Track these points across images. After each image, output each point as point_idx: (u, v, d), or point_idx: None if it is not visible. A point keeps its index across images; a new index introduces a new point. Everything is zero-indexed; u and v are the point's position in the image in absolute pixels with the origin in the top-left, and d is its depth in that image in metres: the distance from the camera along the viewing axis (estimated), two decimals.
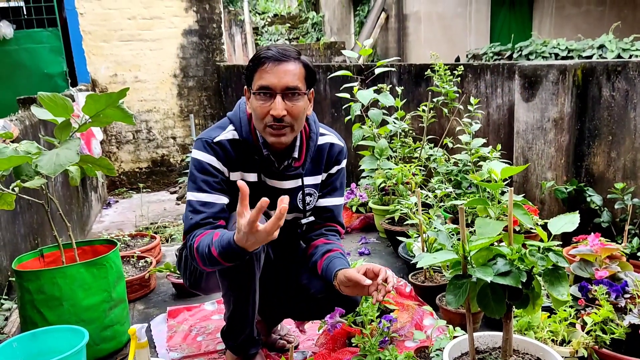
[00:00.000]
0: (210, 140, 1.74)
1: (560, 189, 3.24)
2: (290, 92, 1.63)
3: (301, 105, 1.66)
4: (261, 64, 1.64)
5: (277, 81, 1.62)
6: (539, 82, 3.36)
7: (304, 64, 1.67)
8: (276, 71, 1.62)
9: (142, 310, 2.56)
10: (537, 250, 1.42)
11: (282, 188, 1.82)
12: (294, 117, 1.66)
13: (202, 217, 1.68)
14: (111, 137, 6.14)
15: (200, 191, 1.70)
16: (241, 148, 1.75)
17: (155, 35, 5.99)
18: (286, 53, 1.64)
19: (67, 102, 1.90)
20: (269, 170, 1.79)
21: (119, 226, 4.84)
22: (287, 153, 1.78)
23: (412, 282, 2.42)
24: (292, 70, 1.63)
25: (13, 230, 3.01)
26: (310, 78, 1.70)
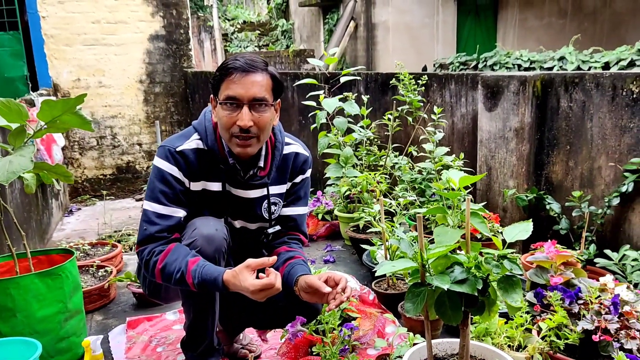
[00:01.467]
0: (173, 149, 1.71)
1: (521, 197, 3.31)
2: (257, 103, 1.63)
3: (268, 116, 1.66)
4: (228, 74, 1.63)
5: (244, 92, 1.62)
6: (500, 92, 3.43)
7: (271, 75, 1.67)
8: (243, 82, 1.62)
9: (100, 321, 2.50)
10: (492, 258, 1.44)
11: (247, 197, 1.81)
12: (261, 128, 1.66)
13: (156, 229, 1.66)
14: (74, 143, 6.01)
15: (157, 202, 1.68)
16: (205, 157, 1.74)
17: (120, 40, 5.90)
18: (254, 64, 1.63)
19: (22, 107, 1.85)
20: (234, 180, 1.78)
21: (81, 234, 4.72)
22: (252, 162, 1.78)
23: (375, 289, 2.43)
24: (260, 82, 1.63)
25: None
26: (277, 89, 1.70)
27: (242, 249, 1.90)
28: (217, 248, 1.67)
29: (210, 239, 1.66)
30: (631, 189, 2.65)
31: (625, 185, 2.65)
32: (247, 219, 1.86)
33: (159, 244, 1.66)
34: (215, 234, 1.68)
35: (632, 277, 2.42)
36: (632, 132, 2.73)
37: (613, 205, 2.73)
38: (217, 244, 1.67)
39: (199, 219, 1.73)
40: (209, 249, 1.66)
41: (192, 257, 1.62)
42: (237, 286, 1.55)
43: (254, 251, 1.95)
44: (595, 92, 2.93)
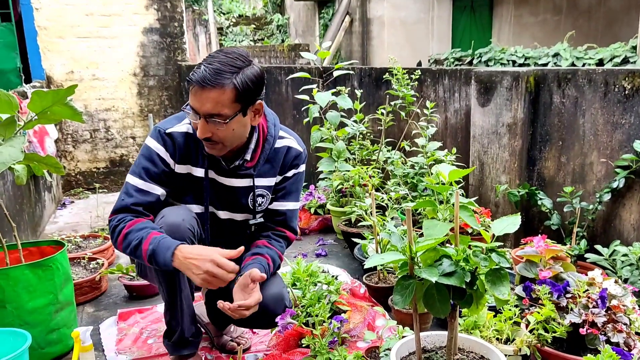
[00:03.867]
0: (163, 130, 1.76)
1: (513, 192, 3.32)
2: (212, 118, 1.62)
3: (225, 129, 1.64)
4: (189, 84, 1.63)
5: (199, 106, 1.62)
6: (494, 88, 3.44)
7: (234, 86, 1.60)
8: (199, 96, 1.60)
9: (91, 313, 2.50)
10: (480, 251, 1.45)
11: (231, 186, 1.83)
12: (220, 138, 1.67)
13: (132, 201, 1.70)
14: (67, 135, 5.97)
15: (138, 177, 1.73)
16: (192, 142, 1.76)
17: (114, 33, 5.86)
18: (212, 79, 1.58)
19: (12, 98, 1.85)
20: (218, 167, 1.80)
21: (74, 227, 4.71)
22: (238, 154, 1.79)
23: (366, 283, 2.44)
24: (215, 97, 1.59)
25: None
26: (246, 96, 1.64)
27: (228, 242, 1.90)
28: (181, 237, 1.68)
29: (175, 228, 1.69)
30: (622, 185, 2.66)
31: (617, 181, 2.67)
32: (233, 209, 1.87)
33: (131, 214, 1.70)
34: (180, 223, 1.70)
35: (622, 272, 2.44)
36: (623, 128, 2.74)
37: (604, 201, 2.75)
38: (181, 233, 1.69)
39: (168, 208, 1.77)
40: (172, 238, 1.66)
41: (158, 232, 1.65)
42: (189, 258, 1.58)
43: (237, 243, 1.94)
44: (587, 88, 2.94)
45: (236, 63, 1.62)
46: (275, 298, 1.79)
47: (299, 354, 1.91)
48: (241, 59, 1.64)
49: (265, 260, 1.81)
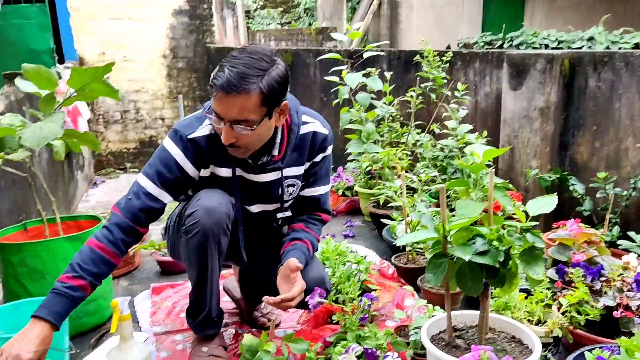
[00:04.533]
0: (185, 136, 1.68)
1: (544, 177, 3.28)
2: (237, 124, 1.56)
3: (249, 135, 1.58)
4: (212, 89, 1.54)
5: (224, 112, 1.55)
6: (526, 71, 3.38)
7: (260, 91, 1.53)
8: (223, 103, 1.53)
9: (126, 287, 2.57)
10: (515, 231, 1.45)
11: (261, 181, 1.79)
12: (245, 143, 1.62)
13: (140, 205, 1.64)
14: (98, 116, 6.09)
15: (151, 180, 1.66)
16: (216, 143, 1.68)
17: (144, 15, 5.92)
18: (237, 84, 1.50)
19: (52, 75, 1.89)
20: (245, 165, 1.75)
21: (106, 206, 4.82)
22: (264, 150, 1.73)
23: (394, 263, 2.45)
24: (241, 104, 1.52)
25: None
26: (272, 99, 1.57)
27: (261, 233, 1.93)
28: (217, 221, 1.66)
29: (211, 212, 1.66)
30: None
31: None
32: (264, 202, 1.86)
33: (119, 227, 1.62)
34: (217, 207, 1.67)
35: None
36: None
37: (639, 188, 2.69)
38: (217, 217, 1.66)
39: (204, 191, 1.73)
40: (208, 222, 1.65)
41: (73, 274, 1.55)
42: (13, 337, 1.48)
43: (270, 233, 1.96)
44: (624, 72, 2.87)
45: (261, 65, 1.54)
46: (316, 281, 1.80)
47: (329, 330, 1.94)
48: (266, 60, 1.56)
49: (304, 245, 1.81)
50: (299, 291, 1.68)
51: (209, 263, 1.73)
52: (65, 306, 1.52)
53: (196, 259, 1.72)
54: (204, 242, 1.68)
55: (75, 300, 1.54)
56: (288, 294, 1.66)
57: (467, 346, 1.56)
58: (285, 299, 1.65)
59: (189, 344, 2.00)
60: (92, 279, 1.56)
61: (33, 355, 1.42)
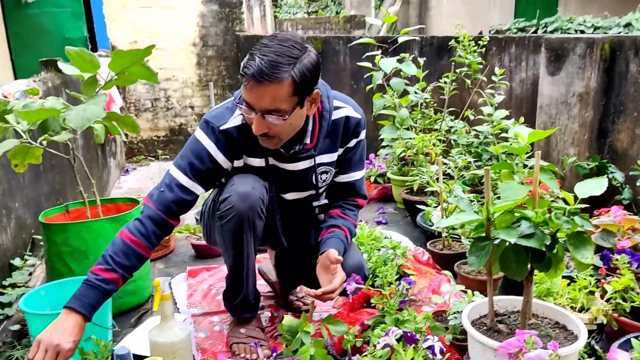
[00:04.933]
0: (217, 127, 1.67)
1: (582, 165, 3.20)
2: (268, 114, 1.54)
3: (282, 124, 1.56)
4: (243, 78, 1.52)
5: (255, 102, 1.52)
6: (565, 55, 3.30)
7: (293, 79, 1.50)
8: (255, 92, 1.50)
9: (162, 269, 2.61)
10: (562, 214, 1.41)
11: (294, 170, 1.78)
12: (277, 133, 1.59)
13: (173, 198, 1.64)
14: (130, 104, 6.17)
15: (183, 172, 1.66)
16: (248, 133, 1.67)
17: (175, 3, 5.95)
18: (269, 73, 1.47)
19: (94, 57, 1.92)
20: (277, 154, 1.74)
21: (137, 192, 4.88)
22: (297, 139, 1.71)
23: (430, 249, 2.43)
24: (273, 93, 1.49)
25: (37, 189, 3.06)
26: (304, 88, 1.54)
27: (296, 221, 1.92)
28: (251, 205, 1.66)
29: (245, 197, 1.65)
30: None
31: None
32: (298, 189, 1.85)
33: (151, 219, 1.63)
34: (251, 192, 1.66)
35: None
36: None
37: None
38: (251, 201, 1.66)
39: (238, 176, 1.72)
40: (243, 206, 1.65)
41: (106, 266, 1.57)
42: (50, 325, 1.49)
43: (306, 219, 1.96)
44: None
45: (293, 53, 1.51)
46: (355, 268, 1.80)
47: (366, 313, 1.93)
48: (297, 47, 1.52)
49: (342, 233, 1.81)
50: (339, 283, 1.67)
51: (245, 247, 1.74)
52: (97, 298, 1.54)
53: (232, 243, 1.73)
54: (239, 226, 1.68)
55: (107, 293, 1.56)
56: (329, 287, 1.66)
57: (509, 331, 1.54)
58: (326, 292, 1.65)
59: (226, 326, 2.02)
60: (123, 272, 1.58)
61: (72, 345, 1.46)
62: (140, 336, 1.88)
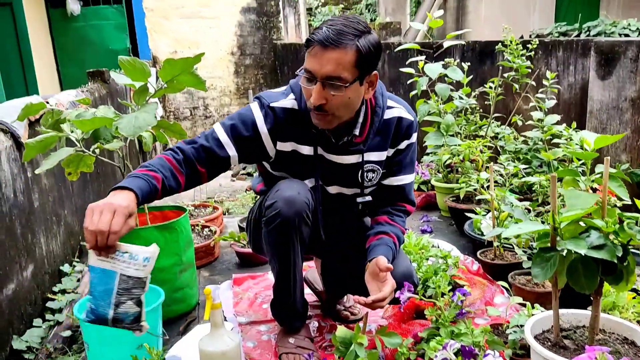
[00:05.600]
0: (267, 102, 1.69)
1: (636, 172, 3.08)
2: (330, 82, 1.53)
3: (342, 95, 1.54)
4: (309, 45, 1.54)
5: (318, 68, 1.52)
6: (616, 59, 3.19)
7: (357, 49, 1.51)
8: (320, 57, 1.51)
9: (207, 277, 2.60)
10: (634, 223, 1.33)
11: (341, 163, 1.75)
12: (334, 106, 1.57)
13: (204, 144, 1.63)
14: (169, 113, 6.26)
15: (224, 129, 1.66)
16: (298, 119, 1.68)
17: (214, 13, 6.03)
18: (335, 38, 1.50)
19: (145, 66, 1.93)
20: (327, 144, 1.72)
21: (176, 199, 4.93)
22: (347, 129, 1.69)
23: (480, 259, 2.36)
24: (337, 59, 1.50)
25: (85, 197, 3.12)
26: (366, 63, 1.54)
27: (339, 216, 1.88)
28: (297, 211, 1.63)
29: (291, 202, 1.63)
30: None
31: None
32: (343, 184, 1.81)
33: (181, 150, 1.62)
34: (296, 197, 1.64)
35: None
36: None
37: None
38: (297, 207, 1.63)
39: (283, 182, 1.71)
40: (289, 212, 1.63)
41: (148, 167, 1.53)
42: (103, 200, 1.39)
43: (350, 218, 1.92)
44: None
45: (358, 27, 1.54)
46: (404, 276, 1.75)
47: (418, 325, 1.88)
48: (363, 25, 1.57)
49: (390, 240, 1.76)
50: (390, 291, 1.63)
51: (292, 254, 1.71)
52: (145, 186, 1.47)
53: (278, 250, 1.70)
54: (286, 232, 1.65)
55: (152, 187, 1.50)
56: (379, 295, 1.61)
57: (576, 347, 1.47)
58: (376, 300, 1.61)
59: (273, 335, 2.00)
60: (163, 175, 1.53)
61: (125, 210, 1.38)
62: (189, 344, 1.86)
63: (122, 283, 1.42)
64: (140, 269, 1.44)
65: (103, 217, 1.35)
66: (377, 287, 1.67)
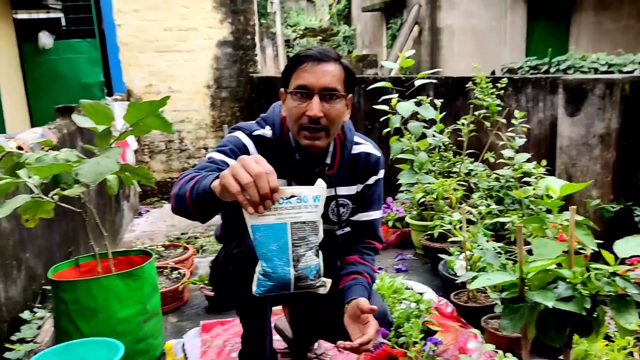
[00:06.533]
0: (249, 131, 1.68)
1: (607, 208, 3.11)
2: (328, 94, 1.55)
3: (339, 108, 1.58)
4: (300, 63, 1.57)
5: (315, 81, 1.55)
6: (584, 96, 3.24)
7: (344, 67, 1.61)
8: (315, 70, 1.55)
9: (175, 323, 2.51)
10: (602, 275, 1.32)
11: None
12: (331, 120, 1.58)
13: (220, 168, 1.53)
14: (144, 146, 6.18)
15: (224, 153, 1.60)
16: (274, 150, 1.67)
17: (190, 47, 6.02)
18: (327, 53, 1.59)
19: (108, 110, 1.89)
20: (300, 177, 1.70)
21: (150, 236, 4.83)
22: (319, 159, 1.70)
23: (454, 302, 2.32)
24: (332, 71, 1.56)
25: (48, 238, 3.01)
26: (349, 82, 1.62)
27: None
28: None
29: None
30: None
31: None
32: None
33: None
34: None
35: None
36: None
37: None
38: None
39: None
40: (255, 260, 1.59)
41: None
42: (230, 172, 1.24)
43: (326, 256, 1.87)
44: None
45: (336, 52, 1.64)
46: (380, 316, 1.70)
47: None
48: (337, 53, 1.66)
49: (365, 280, 1.73)
50: (374, 333, 1.57)
51: (260, 304, 1.66)
52: None
53: (245, 300, 1.64)
54: None
55: None
56: (365, 338, 1.55)
57: None
58: (363, 343, 1.55)
59: None
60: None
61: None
62: None
63: (297, 232, 1.29)
64: (313, 211, 1.30)
65: (261, 162, 1.26)
66: (359, 329, 1.61)
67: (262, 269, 1.28)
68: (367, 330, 1.57)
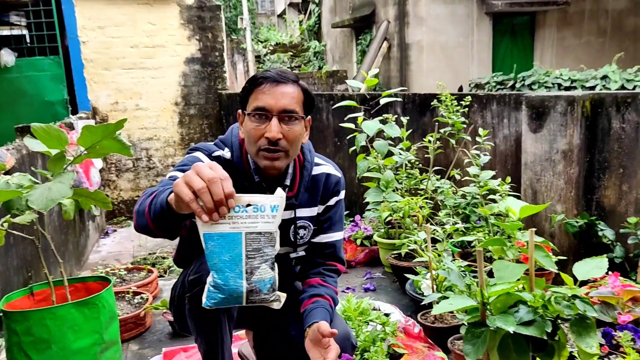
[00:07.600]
0: (209, 152, 1.65)
1: (571, 223, 3.14)
2: (287, 115, 1.54)
3: (297, 130, 1.57)
4: (258, 85, 1.55)
5: (274, 102, 1.53)
6: (546, 113, 3.30)
7: (302, 89, 1.61)
8: (273, 92, 1.54)
9: (136, 351, 2.43)
10: (563, 298, 1.32)
11: None
12: (290, 141, 1.56)
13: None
14: (111, 165, 6.06)
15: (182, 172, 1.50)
16: (233, 172, 1.59)
17: (157, 64, 5.96)
18: (285, 75, 1.58)
19: (62, 133, 1.82)
20: None
21: (116, 256, 4.71)
22: (278, 181, 1.67)
23: (421, 322, 2.31)
24: (290, 93, 1.56)
25: (5, 263, 2.90)
26: (308, 104, 1.62)
27: None
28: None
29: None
30: None
31: None
32: None
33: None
34: None
35: None
36: None
37: None
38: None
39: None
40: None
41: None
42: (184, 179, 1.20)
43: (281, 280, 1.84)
44: None
45: (294, 74, 1.63)
46: (343, 338, 1.67)
47: None
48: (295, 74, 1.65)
49: (327, 302, 1.70)
50: (334, 357, 1.55)
51: (219, 331, 1.61)
52: None
53: (205, 328, 1.60)
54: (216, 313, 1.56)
55: None
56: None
57: None
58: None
59: None
60: None
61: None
62: None
63: (251, 243, 1.23)
64: (270, 221, 1.24)
65: (215, 168, 1.20)
66: (319, 354, 1.58)
67: (213, 280, 1.23)
68: (328, 355, 1.55)
